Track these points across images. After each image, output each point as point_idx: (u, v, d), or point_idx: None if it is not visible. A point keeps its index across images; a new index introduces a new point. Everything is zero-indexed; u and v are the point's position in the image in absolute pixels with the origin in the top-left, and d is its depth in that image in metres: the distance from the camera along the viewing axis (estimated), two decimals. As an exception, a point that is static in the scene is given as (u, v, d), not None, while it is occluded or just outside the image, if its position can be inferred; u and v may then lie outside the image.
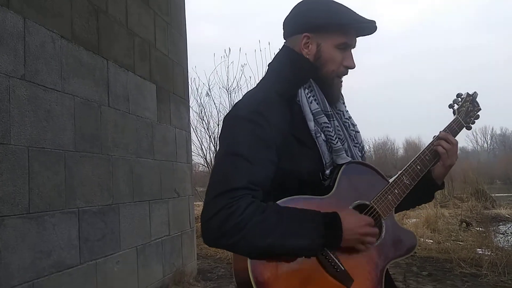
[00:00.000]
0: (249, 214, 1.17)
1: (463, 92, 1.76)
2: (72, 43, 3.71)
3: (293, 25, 1.47)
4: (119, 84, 4.45)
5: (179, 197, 5.72)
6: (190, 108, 7.21)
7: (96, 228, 3.87)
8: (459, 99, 1.75)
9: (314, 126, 1.39)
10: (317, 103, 1.41)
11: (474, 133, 78.12)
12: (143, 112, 4.96)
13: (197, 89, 13.04)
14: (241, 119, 1.31)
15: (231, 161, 1.26)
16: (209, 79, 18.86)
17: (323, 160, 1.39)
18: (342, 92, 1.53)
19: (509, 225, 10.15)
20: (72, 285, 3.49)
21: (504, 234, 9.20)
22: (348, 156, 1.43)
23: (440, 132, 1.61)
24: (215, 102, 17.60)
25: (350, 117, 1.54)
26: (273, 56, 1.56)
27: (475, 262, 6.45)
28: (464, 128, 1.71)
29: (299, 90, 1.41)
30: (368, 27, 1.46)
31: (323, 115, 1.41)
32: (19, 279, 2.96)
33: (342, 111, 1.53)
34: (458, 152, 1.62)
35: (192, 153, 7.53)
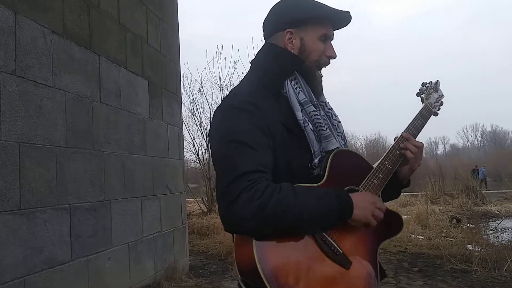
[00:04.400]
0: (268, 195, 1.21)
1: (427, 81, 1.85)
2: (64, 38, 3.68)
3: (274, 23, 1.54)
4: (111, 80, 4.43)
5: (171, 193, 5.70)
6: (182, 104, 7.20)
7: (87, 224, 3.86)
8: (424, 87, 1.84)
9: (302, 116, 1.44)
10: (304, 94, 1.47)
11: (465, 130, 78.75)
12: (135, 108, 4.93)
13: (189, 85, 13.02)
14: (235, 109, 1.35)
15: (235, 148, 1.29)
16: (201, 75, 18.85)
17: (312, 149, 1.43)
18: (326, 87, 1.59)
19: (499, 222, 10.22)
20: (63, 282, 3.47)
21: (494, 230, 9.27)
22: (337, 142, 1.49)
23: (401, 135, 1.63)
24: (207, 98, 17.59)
25: (331, 108, 1.61)
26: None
27: (465, 258, 6.50)
28: (432, 114, 1.78)
29: (286, 82, 1.47)
30: (344, 17, 1.54)
31: (311, 104, 1.47)
32: (10, 275, 2.94)
33: (325, 102, 1.59)
34: (447, 149, 1.64)
35: (184, 150, 7.51)
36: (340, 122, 1.61)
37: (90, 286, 3.83)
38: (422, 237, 8.75)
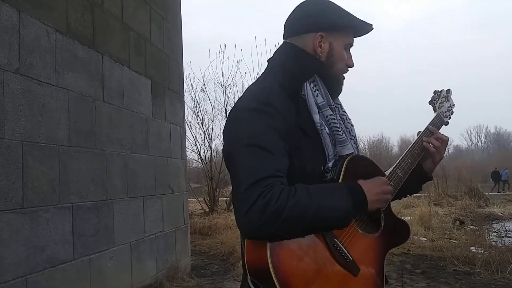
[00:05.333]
0: (284, 199, 1.21)
1: (439, 89, 1.86)
2: (67, 37, 3.68)
3: (306, 24, 1.50)
4: (114, 79, 4.43)
5: (173, 193, 5.70)
6: (185, 104, 7.19)
7: (90, 223, 3.85)
8: (436, 95, 1.85)
9: (319, 119, 1.43)
10: (322, 97, 1.46)
11: (469, 132, 78.52)
12: (138, 107, 4.93)
13: (192, 84, 13.01)
14: (252, 110, 1.33)
15: (252, 153, 1.28)
16: (204, 74, 18.84)
17: (326, 152, 1.43)
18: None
19: (502, 224, 10.19)
20: (65, 281, 3.47)
21: (497, 232, 9.25)
22: (352, 147, 1.49)
23: (427, 128, 1.69)
24: (210, 98, 17.59)
25: (345, 111, 1.60)
26: (268, 52, 1.60)
27: (468, 260, 6.48)
28: (444, 124, 1.80)
29: (305, 84, 1.45)
30: (366, 29, 1.57)
31: (328, 108, 1.46)
32: (12, 274, 2.94)
33: (340, 105, 1.58)
34: (450, 150, 1.66)
35: (187, 149, 7.51)
36: (353, 125, 1.61)
37: (92, 285, 3.83)
38: (425, 238, 8.72)
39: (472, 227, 9.61)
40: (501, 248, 6.87)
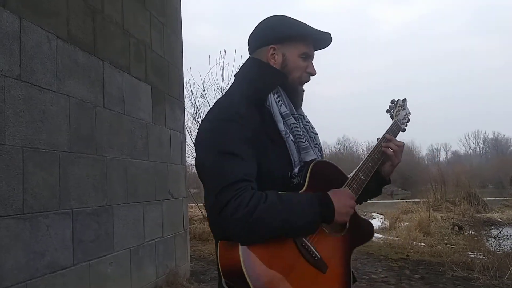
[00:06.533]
0: (255, 203, 1.29)
1: (395, 99, 2.01)
2: (68, 43, 3.70)
3: (259, 39, 1.63)
4: (114, 85, 4.44)
5: (173, 198, 5.71)
6: (185, 110, 7.21)
7: (90, 229, 3.86)
8: (393, 105, 1.99)
9: (284, 127, 1.53)
10: (285, 107, 1.57)
11: (467, 137, 78.64)
12: (138, 113, 4.95)
13: (192, 90, 13.01)
14: (221, 120, 1.43)
15: (223, 159, 1.36)
16: (204, 80, 18.84)
17: (292, 159, 1.52)
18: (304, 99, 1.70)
19: (501, 229, 10.20)
20: (65, 286, 3.47)
21: (495, 238, 9.25)
22: (314, 154, 1.59)
23: (384, 134, 1.81)
24: (210, 103, 17.57)
25: (309, 121, 1.72)
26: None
27: (467, 266, 6.49)
28: (401, 130, 1.93)
29: (269, 96, 1.56)
30: (324, 38, 1.66)
31: (292, 117, 1.57)
32: (12, 279, 2.95)
33: (303, 115, 1.70)
34: (449, 156, 1.72)
35: (186, 155, 7.51)
36: (317, 134, 1.72)
37: (92, 291, 3.83)
38: (423, 244, 8.74)
39: (470, 232, 9.61)
40: (500, 254, 6.89)
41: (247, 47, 1.69)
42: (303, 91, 1.68)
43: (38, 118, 3.29)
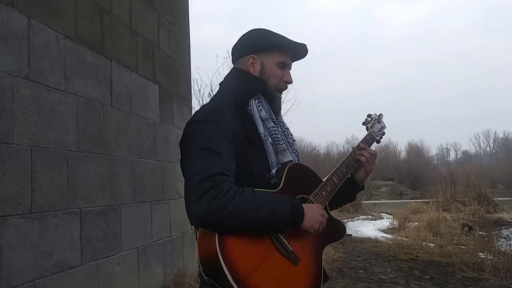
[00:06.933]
0: (231, 195, 1.39)
1: (373, 113, 2.16)
2: (76, 43, 3.71)
3: (240, 49, 1.78)
4: (122, 84, 4.45)
5: (181, 198, 5.70)
6: (193, 109, 7.21)
7: (98, 228, 3.87)
8: (369, 119, 2.14)
9: (263, 130, 1.66)
10: (265, 111, 1.71)
11: (477, 137, 78.12)
12: (146, 112, 4.95)
13: (199, 90, 13.06)
14: (204, 121, 1.55)
15: (204, 155, 1.47)
16: (211, 79, 18.87)
17: (269, 160, 1.64)
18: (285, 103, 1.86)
19: (511, 229, 10.11)
20: (73, 286, 3.48)
21: (506, 238, 9.17)
22: (291, 156, 1.71)
23: (359, 144, 1.97)
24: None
25: (288, 128, 1.84)
26: None
27: (477, 266, 6.43)
28: (375, 141, 2.10)
29: (251, 101, 1.69)
30: (301, 48, 1.79)
31: (271, 121, 1.70)
32: (21, 279, 2.95)
33: (282, 122, 1.83)
34: (459, 156, 1.75)
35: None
36: (295, 140, 1.85)
37: (100, 290, 3.84)
38: (433, 244, 8.67)
39: (480, 232, 9.52)
40: (510, 254, 6.81)
41: (231, 58, 1.84)
42: (281, 98, 1.83)
43: (46, 117, 3.30)
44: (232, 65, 1.84)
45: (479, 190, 14.78)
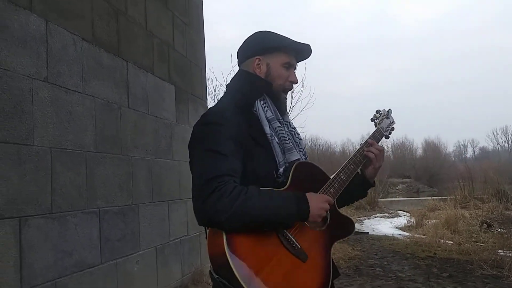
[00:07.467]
0: (236, 195, 1.42)
1: (381, 108, 2.15)
2: (93, 45, 3.76)
3: (246, 51, 1.80)
4: (138, 86, 4.49)
5: (198, 197, 5.72)
6: (208, 109, 7.23)
7: (116, 228, 3.92)
8: (378, 114, 2.13)
9: (270, 130, 1.68)
10: (271, 112, 1.73)
11: (495, 133, 76.99)
12: (162, 113, 4.99)
13: (214, 90, 13.06)
14: (210, 123, 1.59)
15: (210, 156, 1.51)
16: (226, 79, 18.90)
17: (277, 160, 1.66)
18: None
19: (531, 226, 9.95)
20: (93, 285, 3.53)
21: (526, 235, 9.02)
22: (298, 154, 1.72)
23: (367, 140, 1.96)
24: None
25: (295, 127, 1.86)
26: None
27: (496, 264, 6.34)
28: (384, 137, 2.10)
29: (256, 102, 1.72)
30: (305, 49, 1.82)
31: (277, 121, 1.72)
32: (42, 278, 3.01)
33: (289, 122, 1.85)
34: (476, 152, 1.75)
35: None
36: (301, 139, 1.86)
37: (119, 289, 3.89)
38: (451, 242, 8.58)
39: (499, 230, 9.40)
40: (531, 251, 6.72)
41: (236, 60, 1.86)
42: (286, 99, 1.86)
43: (65, 119, 3.35)
44: (238, 67, 1.86)
45: (497, 186, 14.58)
